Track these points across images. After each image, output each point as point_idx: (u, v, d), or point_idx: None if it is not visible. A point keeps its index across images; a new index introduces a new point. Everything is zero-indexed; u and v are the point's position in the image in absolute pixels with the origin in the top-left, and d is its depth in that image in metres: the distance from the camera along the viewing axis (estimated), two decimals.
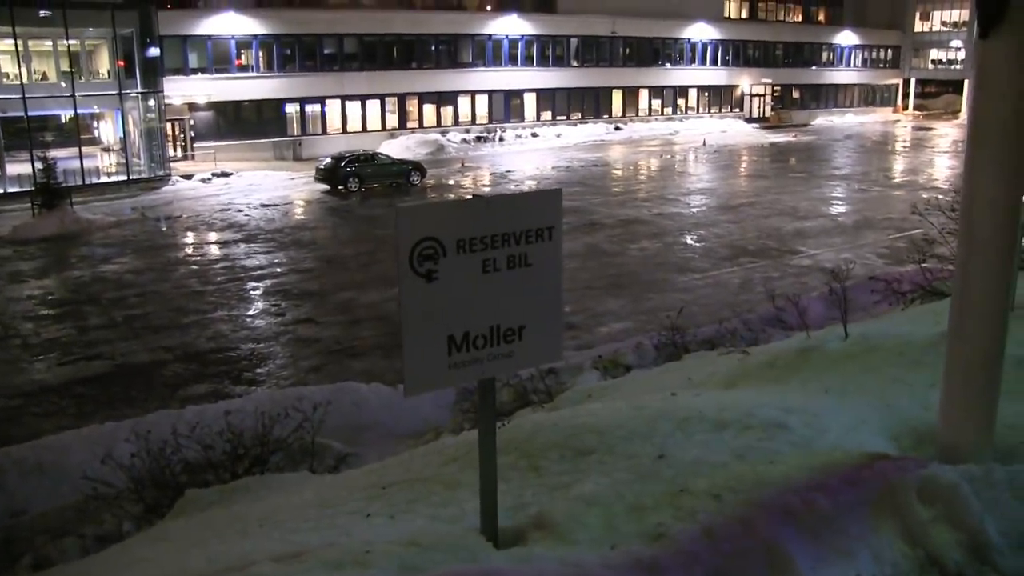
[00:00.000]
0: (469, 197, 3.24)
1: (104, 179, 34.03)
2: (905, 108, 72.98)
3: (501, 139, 47.40)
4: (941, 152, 45.82)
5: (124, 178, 34.01)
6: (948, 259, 10.55)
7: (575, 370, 10.90)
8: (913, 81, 73.36)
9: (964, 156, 3.62)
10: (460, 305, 3.12)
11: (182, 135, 39.25)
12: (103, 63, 38.40)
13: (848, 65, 69.30)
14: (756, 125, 59.42)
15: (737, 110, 61.40)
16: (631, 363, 10.73)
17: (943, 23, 71.20)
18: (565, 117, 52.43)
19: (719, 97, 60.56)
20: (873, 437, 3.91)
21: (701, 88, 59.39)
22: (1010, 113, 3.35)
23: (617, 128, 53.19)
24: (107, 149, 38.31)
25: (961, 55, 68.51)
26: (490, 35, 48.84)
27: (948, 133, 56.46)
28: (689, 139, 51.08)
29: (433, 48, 47.14)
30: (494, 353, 3.24)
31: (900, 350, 5.43)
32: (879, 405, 4.36)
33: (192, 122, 39.37)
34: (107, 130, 40.38)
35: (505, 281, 3.18)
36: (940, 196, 14.74)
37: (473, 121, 48.63)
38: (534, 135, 49.15)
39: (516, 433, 4.50)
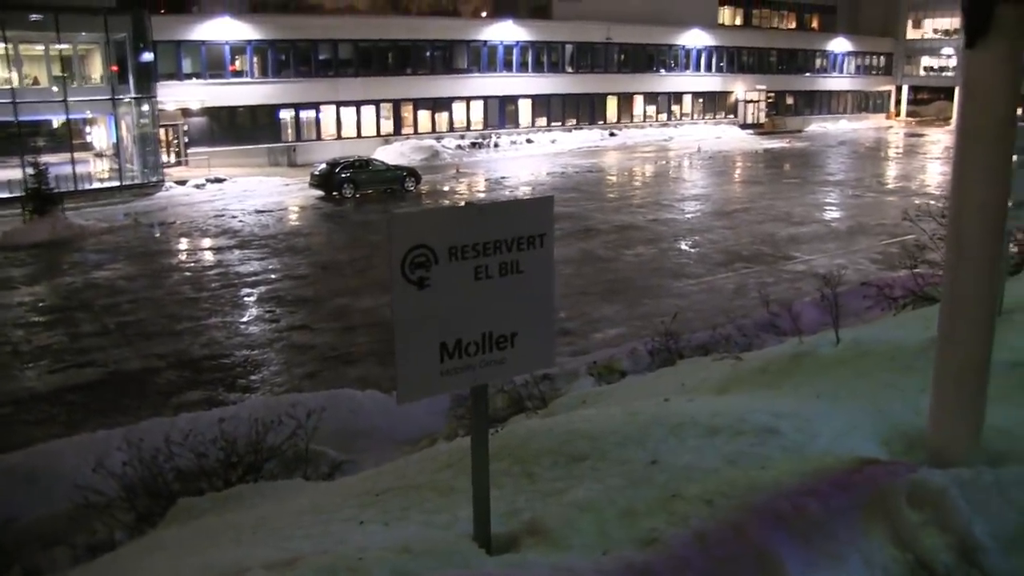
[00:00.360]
0: (462, 204, 3.26)
1: (97, 185, 33.93)
2: (898, 114, 73.31)
3: (496, 145, 47.48)
4: (933, 158, 46.03)
5: (117, 184, 33.94)
6: (939, 264, 10.59)
7: (570, 376, 10.92)
8: (906, 88, 73.72)
9: (952, 162, 3.65)
10: (453, 312, 3.13)
11: (176, 140, 39.21)
12: (96, 68, 38.37)
13: (841, 72, 69.63)
14: (750, 131, 59.63)
15: (732, 116, 61.60)
16: (625, 369, 10.75)
17: (935, 31, 71.65)
18: (560, 123, 52.56)
19: (713, 103, 60.76)
20: (864, 442, 3.93)
21: (695, 94, 59.58)
22: (996, 120, 3.38)
23: (612, 134, 53.32)
24: (100, 154, 38.24)
25: (952, 62, 68.89)
26: (485, 41, 48.96)
27: (940, 139, 56.73)
28: (684, 145, 51.23)
29: (428, 54, 47.23)
30: (487, 360, 3.25)
31: (891, 355, 5.45)
32: (871, 410, 4.38)
33: (186, 127, 39.35)
34: (100, 135, 40.33)
35: (497, 288, 3.19)
36: (932, 202, 14.82)
37: (468, 127, 48.72)
38: (529, 141, 49.25)
39: (510, 439, 4.50)
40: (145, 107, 35.43)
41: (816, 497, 3.32)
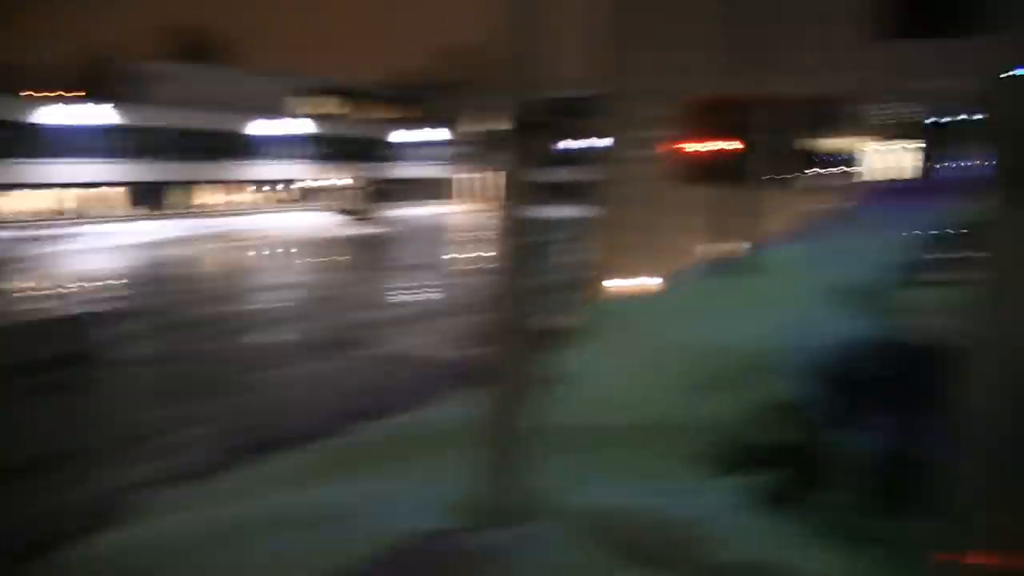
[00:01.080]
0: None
1: None
2: (483, 200, 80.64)
3: (72, 236, 42.31)
4: None
5: None
6: None
7: (145, 485, 10.04)
8: (491, 175, 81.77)
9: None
10: None
11: None
12: None
13: (431, 160, 74.83)
14: (342, 219, 61.34)
15: (324, 204, 62.98)
16: (200, 469, 10.20)
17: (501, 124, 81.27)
18: (147, 212, 49.10)
19: (304, 191, 61.90)
20: (434, 514, 4.25)
21: (286, 182, 60.23)
22: (520, 212, 4.14)
23: (201, 223, 51.08)
24: None
25: None
26: (58, 123, 44.12)
27: None
28: (275, 233, 51.09)
29: None
30: (40, 486, 2.94)
31: (460, 432, 5.95)
32: (440, 483, 4.74)
33: None
34: None
35: (42, 408, 2.93)
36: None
37: (41, 217, 43.19)
38: (110, 232, 44.70)
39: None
40: None
41: (391, 572, 3.51)
